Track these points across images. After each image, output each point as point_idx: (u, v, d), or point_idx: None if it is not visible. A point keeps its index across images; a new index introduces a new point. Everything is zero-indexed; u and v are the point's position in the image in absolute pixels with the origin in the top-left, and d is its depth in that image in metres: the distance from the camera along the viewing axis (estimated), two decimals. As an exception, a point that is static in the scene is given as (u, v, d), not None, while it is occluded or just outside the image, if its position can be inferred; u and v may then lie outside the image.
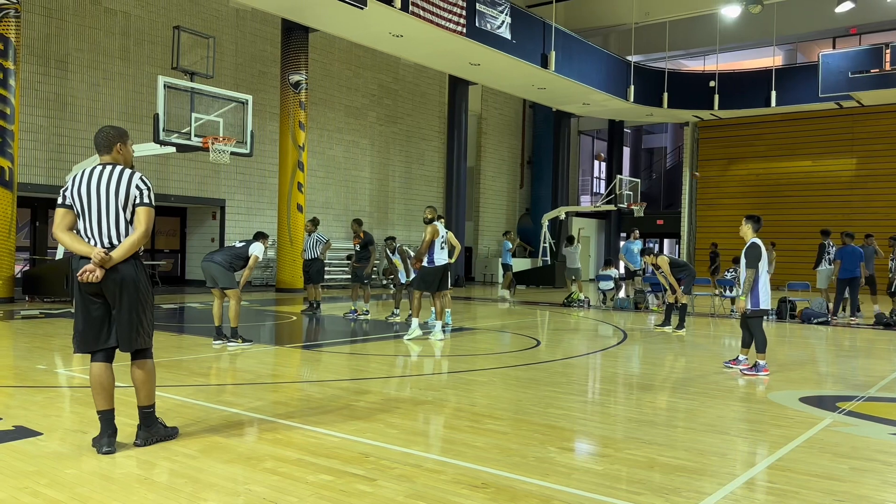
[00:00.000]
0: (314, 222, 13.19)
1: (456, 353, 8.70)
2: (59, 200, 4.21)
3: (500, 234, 29.88)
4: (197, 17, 18.87)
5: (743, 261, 7.61)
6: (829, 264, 14.84)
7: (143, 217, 4.16)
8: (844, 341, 11.08)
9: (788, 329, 12.43)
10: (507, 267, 18.55)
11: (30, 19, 15.68)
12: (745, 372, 7.47)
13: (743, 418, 5.53)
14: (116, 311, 4.15)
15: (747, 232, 7.75)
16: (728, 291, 15.01)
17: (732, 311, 14.83)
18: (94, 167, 4.22)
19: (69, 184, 4.22)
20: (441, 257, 9.80)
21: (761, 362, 7.47)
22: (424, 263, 9.78)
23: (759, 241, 7.61)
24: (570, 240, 18.60)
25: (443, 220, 10.91)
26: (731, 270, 15.46)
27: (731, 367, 7.77)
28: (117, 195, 4.13)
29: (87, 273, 4.01)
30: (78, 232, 4.19)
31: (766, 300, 7.58)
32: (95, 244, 4.13)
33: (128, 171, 4.21)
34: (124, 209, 4.15)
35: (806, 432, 5.05)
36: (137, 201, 4.17)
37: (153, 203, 4.22)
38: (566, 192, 28.52)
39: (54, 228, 4.24)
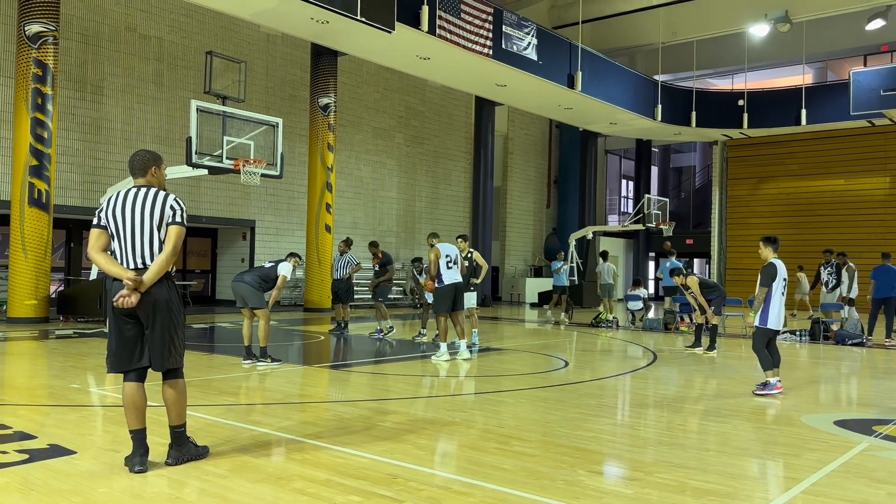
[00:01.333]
0: (347, 243, 13.28)
1: (483, 374, 8.67)
2: (95, 221, 4.30)
3: (529, 254, 29.84)
4: (229, 42, 19.26)
5: (758, 279, 7.54)
6: (826, 287, 14.47)
7: (172, 235, 4.24)
8: (880, 363, 10.83)
9: (822, 351, 12.19)
10: (557, 289, 18.29)
11: (67, 46, 16.12)
12: (757, 392, 7.37)
13: (776, 442, 5.43)
14: (149, 332, 4.21)
15: (768, 254, 7.69)
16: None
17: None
18: (129, 189, 4.32)
19: (104, 205, 4.31)
20: (450, 276, 9.82)
21: (772, 380, 7.39)
22: (436, 284, 9.88)
23: (777, 262, 7.56)
24: (605, 255, 18.34)
25: (466, 240, 10.91)
26: None
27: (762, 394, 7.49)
28: (152, 216, 4.22)
29: (122, 299, 4.09)
30: (112, 252, 4.28)
31: (774, 320, 7.49)
32: (129, 265, 4.20)
33: (162, 193, 4.30)
34: (158, 230, 4.23)
35: (841, 457, 4.94)
36: (170, 220, 4.25)
37: (185, 223, 4.31)
38: (593, 211, 28.41)
39: (89, 249, 4.33)
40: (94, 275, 14.48)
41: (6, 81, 15.20)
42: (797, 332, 13.71)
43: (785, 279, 7.59)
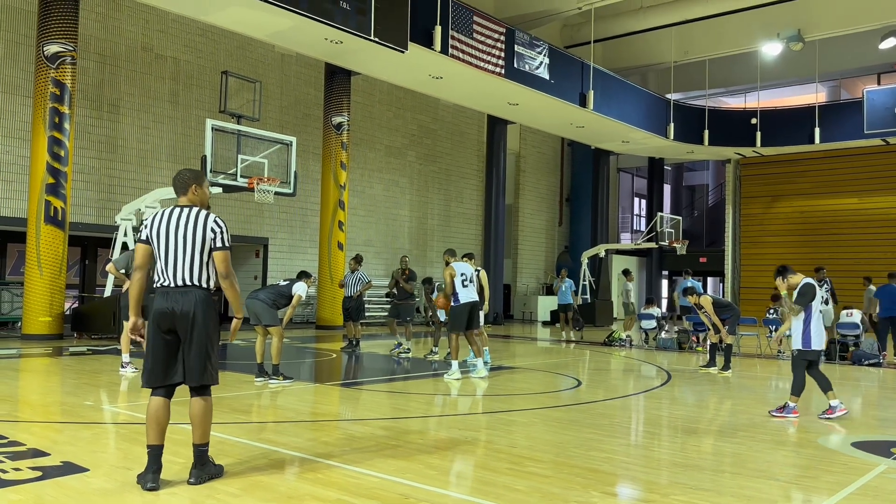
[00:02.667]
0: (358, 260, 13.32)
1: (495, 393, 8.63)
2: (142, 237, 4.44)
3: (541, 272, 29.77)
4: (243, 62, 19.47)
5: (795, 297, 7.34)
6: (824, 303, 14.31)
7: (219, 261, 4.38)
8: (898, 384, 10.69)
9: (839, 371, 12.05)
10: (561, 307, 18.01)
11: (85, 66, 16.35)
12: (774, 414, 7.25)
13: (792, 463, 5.36)
14: (187, 347, 4.29)
15: (781, 286, 7.61)
16: (774, 332, 14.64)
17: (780, 351, 14.47)
18: (173, 208, 4.44)
19: (148, 222, 4.44)
20: (465, 295, 9.79)
21: (791, 404, 7.24)
22: (451, 303, 9.85)
23: (813, 282, 7.36)
24: (627, 273, 18.23)
25: (471, 260, 10.80)
26: (771, 310, 15.09)
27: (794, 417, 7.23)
28: (194, 236, 4.32)
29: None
30: (153, 270, 4.41)
31: (818, 341, 7.31)
32: (169, 283, 4.33)
33: (203, 213, 4.40)
34: (200, 251, 4.34)
35: (859, 479, 4.87)
36: (213, 245, 4.37)
37: (228, 244, 4.41)
38: (606, 229, 28.35)
39: (138, 263, 4.44)
40: (108, 292, 14.58)
41: (24, 101, 15.41)
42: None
43: (819, 299, 7.46)
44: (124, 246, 14.53)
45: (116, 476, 4.47)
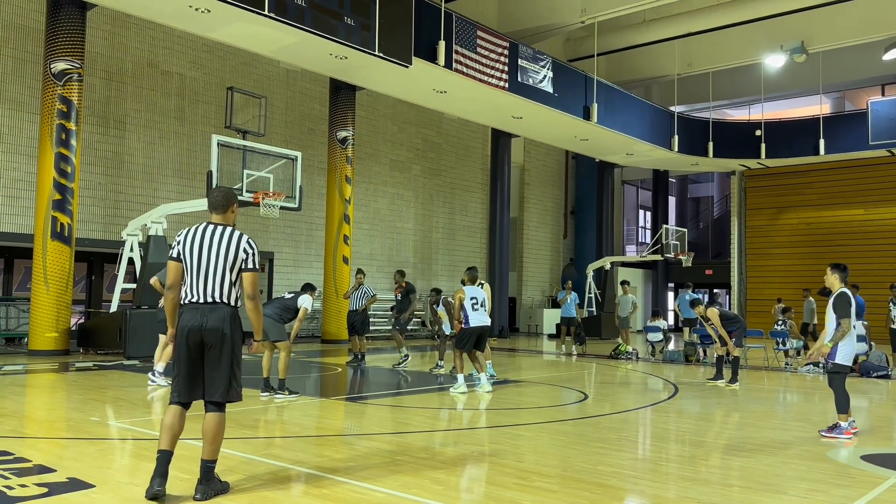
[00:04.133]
0: (363, 274, 13.35)
1: (501, 407, 8.60)
2: (173, 254, 4.49)
3: (546, 285, 29.73)
4: (249, 77, 19.59)
5: (832, 313, 7.04)
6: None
7: (247, 282, 4.46)
8: (907, 396, 10.61)
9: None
10: (564, 320, 17.73)
11: (91, 82, 16.47)
12: (825, 435, 6.89)
13: (802, 477, 5.31)
14: (214, 362, 4.35)
15: (834, 282, 7.20)
16: (781, 345, 14.58)
17: (787, 364, 14.39)
18: (207, 226, 4.51)
19: (180, 238, 4.49)
20: (476, 318, 9.74)
21: (843, 424, 6.87)
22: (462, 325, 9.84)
23: (848, 291, 7.07)
24: (624, 284, 18.23)
25: (481, 283, 10.57)
26: (779, 322, 15.02)
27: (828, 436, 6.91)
28: (226, 255, 4.41)
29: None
30: (183, 285, 4.45)
31: (849, 356, 7.04)
32: (199, 299, 4.38)
33: (237, 233, 4.49)
34: (231, 270, 4.42)
35: (869, 492, 4.82)
36: (244, 266, 4.44)
37: (257, 266, 4.49)
38: (611, 242, 28.33)
39: (171, 282, 4.50)
40: (114, 307, 14.60)
41: (32, 117, 15.52)
42: (821, 364, 13.49)
43: (855, 309, 7.09)
44: (130, 261, 14.57)
45: (123, 492, 4.46)
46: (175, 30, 17.45)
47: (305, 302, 8.94)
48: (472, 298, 9.78)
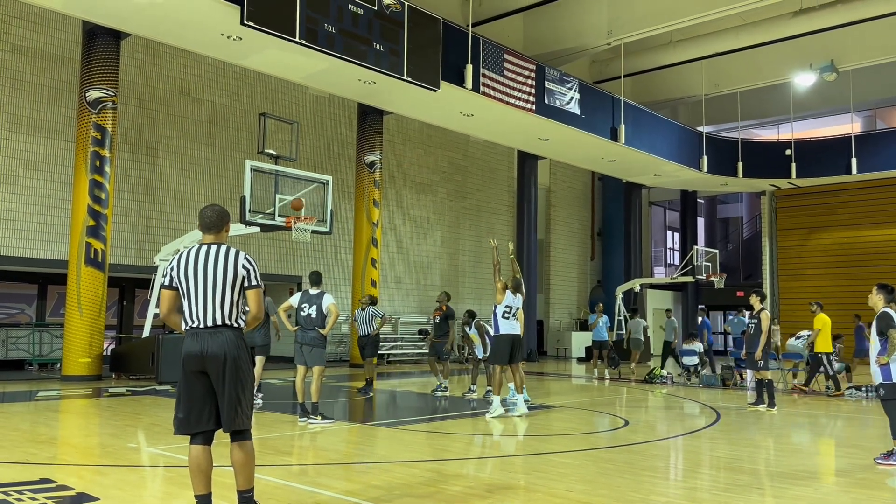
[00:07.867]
0: (372, 301, 13.26)
1: (540, 433, 8.42)
2: (165, 282, 4.28)
3: (574, 307, 29.44)
4: (278, 104, 19.77)
5: (874, 329, 6.85)
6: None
7: (251, 299, 4.28)
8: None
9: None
10: (596, 343, 17.39)
11: (124, 110, 16.70)
12: (881, 462, 6.58)
13: (865, 508, 5.09)
14: (219, 390, 4.14)
15: (877, 302, 7.09)
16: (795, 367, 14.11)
17: (827, 388, 14.01)
18: (200, 247, 4.27)
19: (173, 264, 4.28)
20: (507, 326, 9.59)
21: None
22: (492, 332, 9.66)
23: (891, 311, 6.88)
24: (634, 312, 18.18)
25: (519, 295, 10.48)
26: (798, 337, 14.51)
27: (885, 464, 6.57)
28: (225, 275, 4.19)
29: None
30: (181, 311, 4.25)
31: None
32: (200, 324, 4.18)
33: (233, 251, 4.27)
34: (232, 289, 4.20)
35: (941, 525, 4.59)
36: (246, 284, 4.25)
37: (260, 282, 4.31)
38: (639, 263, 28.01)
39: (162, 312, 4.33)
40: (146, 332, 14.65)
41: (67, 145, 15.75)
42: (863, 388, 13.12)
43: None
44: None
45: (166, 522, 4.37)
46: (206, 58, 17.68)
47: (330, 300, 9.14)
48: (506, 307, 9.60)
